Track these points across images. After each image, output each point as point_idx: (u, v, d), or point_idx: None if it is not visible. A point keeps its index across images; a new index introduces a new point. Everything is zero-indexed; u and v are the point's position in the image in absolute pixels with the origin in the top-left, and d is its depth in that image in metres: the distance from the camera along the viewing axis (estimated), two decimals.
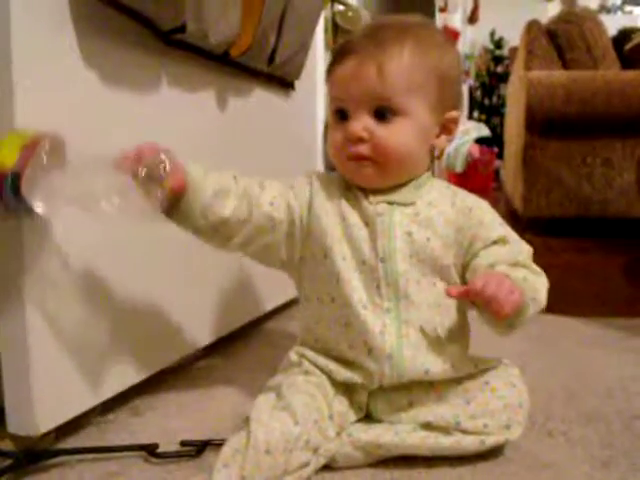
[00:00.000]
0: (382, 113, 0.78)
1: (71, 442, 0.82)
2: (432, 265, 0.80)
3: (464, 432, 0.76)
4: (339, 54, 0.82)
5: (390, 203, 0.81)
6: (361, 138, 0.79)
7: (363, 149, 0.79)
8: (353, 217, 0.81)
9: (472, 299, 0.73)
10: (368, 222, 0.80)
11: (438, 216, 0.81)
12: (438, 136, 0.83)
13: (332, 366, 0.81)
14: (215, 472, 0.67)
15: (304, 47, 1.35)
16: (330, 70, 0.83)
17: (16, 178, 0.64)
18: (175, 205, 0.75)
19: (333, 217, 0.82)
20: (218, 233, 0.79)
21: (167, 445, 0.79)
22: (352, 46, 0.81)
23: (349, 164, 0.81)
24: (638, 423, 0.89)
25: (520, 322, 0.75)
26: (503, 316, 0.70)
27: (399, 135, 0.79)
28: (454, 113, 0.83)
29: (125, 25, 0.84)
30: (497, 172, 5.29)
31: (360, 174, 0.81)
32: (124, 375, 0.91)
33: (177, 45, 0.94)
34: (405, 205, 0.81)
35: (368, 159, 0.80)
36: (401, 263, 0.79)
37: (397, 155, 0.79)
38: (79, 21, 0.77)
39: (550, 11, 5.73)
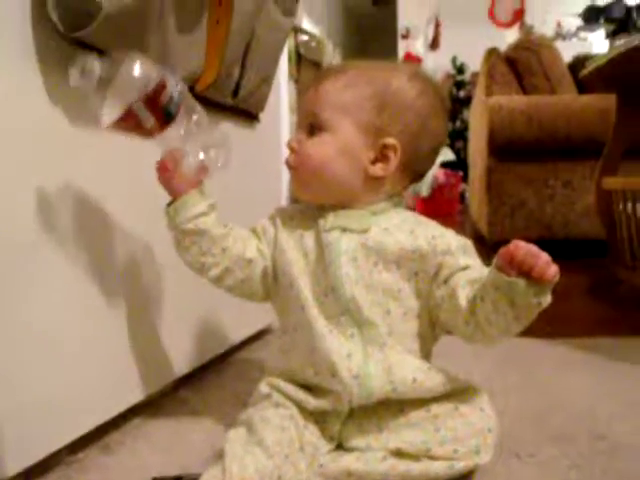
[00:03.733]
0: (312, 129, 0.85)
1: None
2: (383, 290, 0.81)
3: (433, 458, 0.76)
4: None
5: (343, 230, 0.83)
6: (292, 148, 0.86)
7: (291, 158, 0.86)
8: (311, 250, 0.84)
9: (523, 254, 0.70)
10: (321, 253, 0.83)
11: (391, 243, 0.82)
12: (374, 162, 0.84)
13: (302, 395, 0.82)
14: None
15: (268, 79, 1.37)
16: None
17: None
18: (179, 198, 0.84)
19: (295, 252, 0.85)
20: (197, 245, 0.85)
21: None
22: (314, 77, 0.90)
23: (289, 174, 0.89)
24: (605, 443, 0.91)
25: (543, 302, 0.72)
26: (548, 276, 0.69)
27: (318, 147, 0.84)
28: (390, 140, 0.83)
29: None
30: (462, 195, 5.37)
31: (292, 184, 0.89)
32: (93, 412, 0.90)
33: None
34: (357, 232, 0.83)
35: (294, 169, 0.86)
36: (349, 290, 0.80)
37: (312, 166, 0.84)
38: (43, 57, 0.78)
39: (508, 37, 5.88)
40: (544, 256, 0.70)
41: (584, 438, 0.93)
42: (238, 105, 1.27)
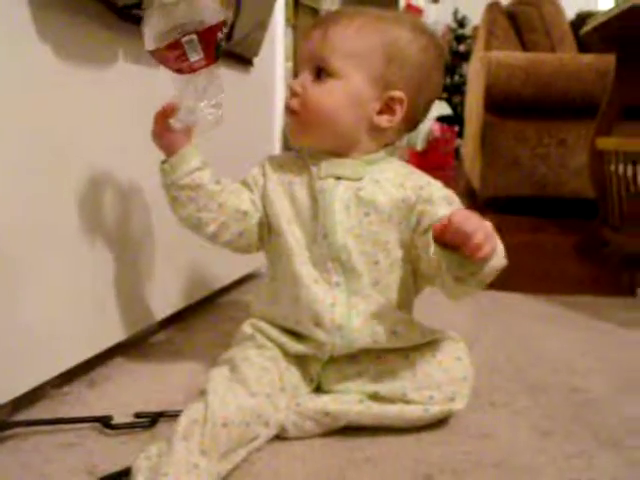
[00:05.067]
0: (319, 73, 0.83)
1: (27, 414, 0.83)
2: (372, 241, 0.82)
3: (409, 402, 0.78)
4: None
5: (337, 178, 0.84)
6: (295, 92, 0.84)
7: (293, 102, 0.85)
8: (302, 197, 0.84)
9: (452, 232, 0.67)
10: (314, 200, 0.83)
11: (382, 195, 0.82)
12: (379, 113, 0.84)
13: (284, 339, 0.83)
14: (175, 445, 0.65)
15: (263, 24, 1.35)
16: None
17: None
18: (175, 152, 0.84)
19: (284, 200, 0.85)
20: (194, 202, 0.84)
21: (122, 417, 0.81)
22: (317, 19, 0.90)
23: (287, 118, 0.87)
24: (578, 396, 0.93)
25: (482, 277, 0.71)
26: (477, 258, 0.66)
27: (326, 94, 0.83)
28: (397, 93, 0.83)
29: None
30: (457, 150, 5.35)
31: (290, 128, 0.87)
32: (80, 348, 0.91)
33: (133, 20, 0.93)
34: (351, 180, 0.84)
35: (296, 113, 0.85)
36: (341, 237, 0.81)
37: (318, 112, 0.83)
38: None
39: None
40: (477, 236, 0.65)
41: (559, 390, 0.95)
42: (232, 49, 1.25)
